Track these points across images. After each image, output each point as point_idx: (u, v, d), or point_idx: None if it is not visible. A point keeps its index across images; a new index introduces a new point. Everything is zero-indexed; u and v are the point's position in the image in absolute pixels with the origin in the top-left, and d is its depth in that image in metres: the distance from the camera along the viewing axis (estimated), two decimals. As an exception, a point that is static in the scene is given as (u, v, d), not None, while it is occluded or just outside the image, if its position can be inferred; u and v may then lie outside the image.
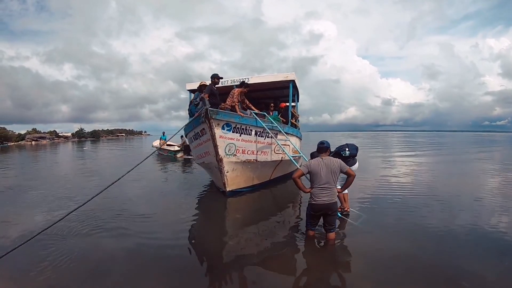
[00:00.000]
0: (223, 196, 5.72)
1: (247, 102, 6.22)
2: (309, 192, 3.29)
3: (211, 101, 5.50)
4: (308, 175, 3.30)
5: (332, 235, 3.31)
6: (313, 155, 4.13)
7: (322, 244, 3.34)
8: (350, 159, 4.25)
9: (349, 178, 3.33)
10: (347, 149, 4.28)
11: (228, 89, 6.64)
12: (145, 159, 4.46)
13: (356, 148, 4.39)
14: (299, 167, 3.65)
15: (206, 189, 6.94)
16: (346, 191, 4.00)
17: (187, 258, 3.12)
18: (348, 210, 4.43)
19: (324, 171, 3.19)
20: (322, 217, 3.32)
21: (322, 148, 3.37)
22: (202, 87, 6.29)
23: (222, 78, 6.32)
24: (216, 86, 6.13)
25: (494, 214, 4.48)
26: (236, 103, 5.71)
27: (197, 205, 5.54)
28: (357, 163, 4.40)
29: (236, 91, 5.89)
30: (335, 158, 3.38)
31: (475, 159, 13.26)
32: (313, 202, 3.23)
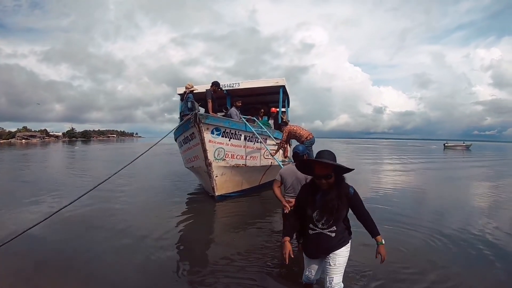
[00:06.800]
0: (212, 201, 5.75)
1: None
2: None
3: (213, 107, 5.59)
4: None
5: None
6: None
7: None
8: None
9: None
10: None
11: (219, 94, 6.73)
12: (139, 156, 4.47)
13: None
14: None
15: (195, 193, 6.95)
16: None
17: (172, 263, 3.13)
18: None
19: (292, 178, 3.08)
20: None
21: (298, 156, 3.16)
22: (197, 94, 6.07)
23: (221, 89, 6.41)
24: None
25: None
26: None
27: (186, 210, 5.54)
28: None
29: None
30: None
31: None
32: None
